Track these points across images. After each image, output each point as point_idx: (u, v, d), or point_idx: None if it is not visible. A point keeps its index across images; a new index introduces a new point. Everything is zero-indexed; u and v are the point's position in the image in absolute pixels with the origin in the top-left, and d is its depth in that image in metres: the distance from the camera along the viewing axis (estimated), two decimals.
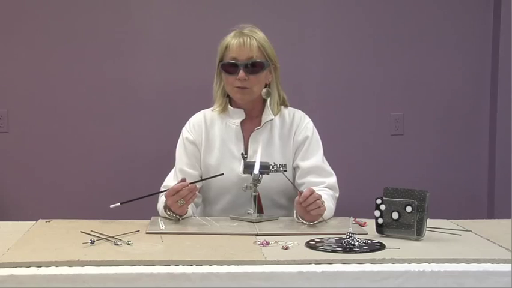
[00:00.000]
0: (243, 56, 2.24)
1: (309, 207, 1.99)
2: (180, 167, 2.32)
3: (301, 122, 2.35)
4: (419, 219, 1.86)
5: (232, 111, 2.32)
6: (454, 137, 3.41)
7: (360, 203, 2.23)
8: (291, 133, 2.33)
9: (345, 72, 3.33)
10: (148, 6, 3.22)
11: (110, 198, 3.20)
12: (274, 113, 2.32)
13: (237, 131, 2.31)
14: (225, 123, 2.33)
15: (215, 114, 2.35)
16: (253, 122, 2.33)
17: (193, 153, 2.33)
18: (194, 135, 2.34)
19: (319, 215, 2.03)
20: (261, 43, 2.27)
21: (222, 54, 2.30)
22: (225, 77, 2.29)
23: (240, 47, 2.25)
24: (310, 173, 2.28)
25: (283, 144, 2.32)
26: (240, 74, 2.23)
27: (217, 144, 2.31)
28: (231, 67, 2.26)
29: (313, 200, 1.99)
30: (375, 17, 3.34)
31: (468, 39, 3.38)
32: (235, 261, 1.63)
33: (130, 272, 1.57)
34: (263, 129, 2.31)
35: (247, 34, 2.27)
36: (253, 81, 2.26)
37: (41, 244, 1.78)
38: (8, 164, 3.19)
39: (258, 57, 2.26)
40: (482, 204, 3.42)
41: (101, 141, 3.23)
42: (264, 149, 2.25)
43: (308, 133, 2.33)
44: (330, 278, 1.59)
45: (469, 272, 1.62)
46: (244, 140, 2.31)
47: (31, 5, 3.15)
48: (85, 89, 3.21)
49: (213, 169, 2.28)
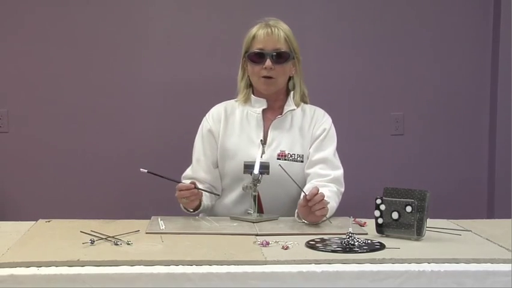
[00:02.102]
0: (269, 46, 2.29)
1: (315, 206, 1.99)
2: (197, 156, 2.37)
3: (321, 117, 2.39)
4: (419, 219, 1.87)
5: (255, 100, 2.36)
6: (454, 137, 3.41)
7: (360, 203, 2.23)
8: (311, 127, 2.36)
9: (345, 72, 3.33)
10: (148, 6, 3.22)
11: (110, 198, 3.24)
12: (297, 104, 2.37)
13: (258, 119, 2.34)
14: (247, 111, 2.36)
15: (237, 104, 2.39)
16: (274, 112, 2.37)
17: (209, 142, 2.36)
18: (211, 124, 2.37)
19: (323, 215, 2.03)
20: (287, 35, 2.32)
21: (249, 45, 2.33)
22: (251, 66, 2.32)
23: (268, 37, 2.29)
24: (319, 163, 2.30)
25: (302, 136, 2.35)
26: (266, 63, 2.27)
27: (236, 130, 2.35)
28: (257, 57, 2.29)
29: (320, 199, 1.99)
30: (375, 17, 3.33)
31: (468, 39, 3.38)
32: (235, 261, 1.63)
33: (130, 272, 1.57)
34: (284, 119, 2.35)
35: (274, 25, 2.31)
36: (279, 72, 2.30)
37: (41, 244, 1.79)
38: (8, 164, 3.19)
39: (284, 48, 2.30)
40: (482, 204, 3.42)
41: (101, 141, 3.23)
42: (283, 138, 2.31)
43: (326, 126, 2.37)
44: (330, 278, 1.59)
45: (469, 272, 1.62)
46: (265, 128, 2.34)
47: (31, 5, 3.15)
48: (85, 89, 3.21)
49: (231, 153, 2.32)
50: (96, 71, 3.21)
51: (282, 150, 2.28)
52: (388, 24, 3.34)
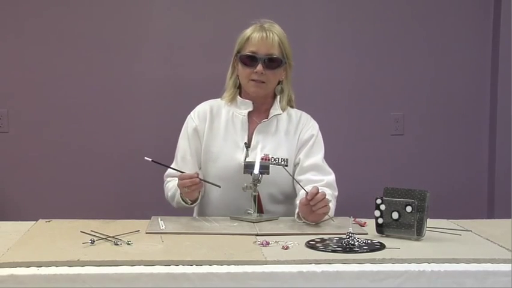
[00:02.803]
0: (263, 51, 2.26)
1: (317, 205, 1.99)
2: (183, 155, 2.34)
3: (307, 122, 2.38)
4: (419, 219, 1.86)
5: (241, 102, 2.34)
6: (454, 137, 3.41)
7: (360, 203, 2.23)
8: (297, 131, 2.35)
9: (345, 72, 3.33)
10: (148, 6, 3.22)
11: (110, 198, 3.24)
12: (283, 109, 2.35)
13: (243, 121, 2.33)
14: (232, 113, 2.34)
15: (222, 103, 2.37)
16: (260, 115, 2.35)
17: (195, 142, 2.34)
18: (197, 123, 2.35)
19: (324, 213, 2.04)
20: (282, 40, 2.29)
21: (242, 45, 2.31)
22: (242, 68, 2.30)
23: (262, 41, 2.26)
24: (310, 170, 2.29)
25: (287, 140, 2.33)
26: (258, 67, 2.25)
27: (221, 133, 2.33)
28: (249, 60, 2.27)
29: (322, 198, 1.99)
30: (375, 17, 3.34)
31: (468, 39, 3.38)
32: (235, 261, 1.63)
33: (130, 272, 1.57)
34: (269, 123, 2.33)
35: (269, 29, 2.29)
36: (270, 77, 2.28)
37: (41, 244, 1.78)
38: (8, 164, 3.19)
39: (278, 53, 2.28)
40: (482, 204, 3.42)
41: (101, 141, 3.23)
42: (268, 142, 2.29)
43: (314, 132, 2.36)
44: (330, 278, 1.59)
45: (469, 272, 1.62)
46: (249, 131, 2.33)
47: (31, 5, 3.15)
48: (85, 89, 3.21)
49: (214, 156, 2.30)
50: (96, 71, 3.21)
51: (265, 154, 2.24)
52: (388, 24, 3.34)
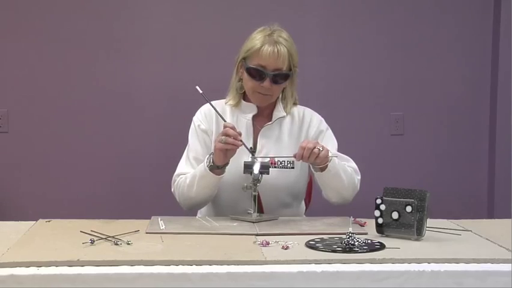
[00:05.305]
0: (271, 66, 2.21)
1: (309, 159, 2.05)
2: (195, 155, 2.31)
3: (311, 119, 2.37)
4: (419, 219, 1.86)
5: (245, 106, 2.33)
6: (454, 137, 3.41)
7: (360, 203, 2.23)
8: (302, 130, 2.34)
9: (345, 72, 3.33)
10: (148, 6, 3.22)
11: (110, 198, 3.23)
12: (287, 111, 2.34)
13: (248, 126, 2.32)
14: (236, 116, 2.33)
15: (227, 107, 2.35)
16: (264, 118, 2.34)
17: (205, 142, 2.33)
18: (205, 125, 2.33)
19: (325, 156, 2.08)
20: (290, 52, 2.24)
21: (250, 54, 2.24)
22: (249, 79, 2.26)
23: (272, 57, 2.20)
24: None
25: (292, 142, 2.32)
26: (265, 83, 2.22)
27: None
28: (257, 73, 2.23)
29: (308, 154, 2.04)
30: (375, 17, 3.34)
31: (468, 40, 3.38)
32: (235, 261, 1.63)
33: (130, 272, 1.57)
34: (273, 126, 2.33)
35: (278, 41, 2.22)
36: (276, 90, 2.27)
37: (41, 244, 1.78)
38: (8, 164, 3.19)
39: (286, 67, 2.24)
40: (482, 204, 3.42)
41: (101, 141, 3.23)
42: (272, 146, 2.29)
43: (322, 128, 2.36)
44: (330, 278, 1.59)
45: (469, 272, 1.62)
46: (254, 135, 2.32)
47: (31, 5, 3.15)
48: (85, 89, 3.21)
49: None
50: (96, 72, 3.21)
51: (271, 158, 2.24)
52: (388, 24, 3.34)
